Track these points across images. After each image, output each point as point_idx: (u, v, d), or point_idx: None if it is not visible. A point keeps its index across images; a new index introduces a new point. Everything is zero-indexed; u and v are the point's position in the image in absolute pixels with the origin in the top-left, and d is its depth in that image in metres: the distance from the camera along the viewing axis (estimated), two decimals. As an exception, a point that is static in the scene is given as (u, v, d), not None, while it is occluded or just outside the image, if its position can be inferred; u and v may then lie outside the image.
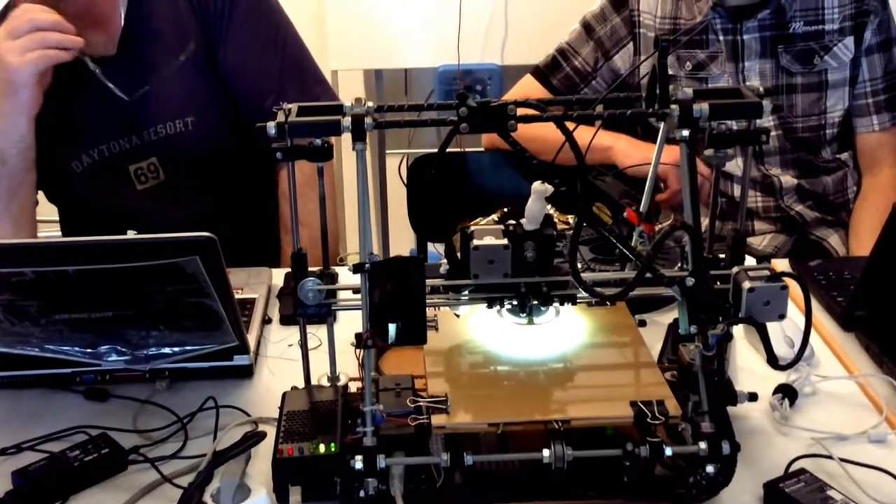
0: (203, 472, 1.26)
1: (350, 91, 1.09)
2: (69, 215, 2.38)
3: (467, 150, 2.80)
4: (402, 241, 3.56)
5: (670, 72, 2.31)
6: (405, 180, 3.09)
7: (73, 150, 2.17)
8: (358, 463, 1.25)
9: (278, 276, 1.94)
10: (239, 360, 1.61)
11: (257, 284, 1.89)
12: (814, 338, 1.66)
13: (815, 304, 1.76)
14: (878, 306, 1.70)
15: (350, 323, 1.40)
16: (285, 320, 1.80)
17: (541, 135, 1.44)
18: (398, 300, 1.25)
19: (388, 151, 3.63)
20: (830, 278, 1.88)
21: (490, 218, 2.38)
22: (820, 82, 2.36)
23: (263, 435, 1.34)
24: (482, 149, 2.68)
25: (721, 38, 2.34)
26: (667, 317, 1.65)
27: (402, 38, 3.41)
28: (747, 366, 1.63)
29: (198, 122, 2.19)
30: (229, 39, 2.19)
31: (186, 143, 2.20)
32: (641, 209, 1.53)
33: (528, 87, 2.57)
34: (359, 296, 1.28)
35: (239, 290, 1.83)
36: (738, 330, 1.69)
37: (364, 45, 3.43)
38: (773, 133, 2.34)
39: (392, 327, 1.26)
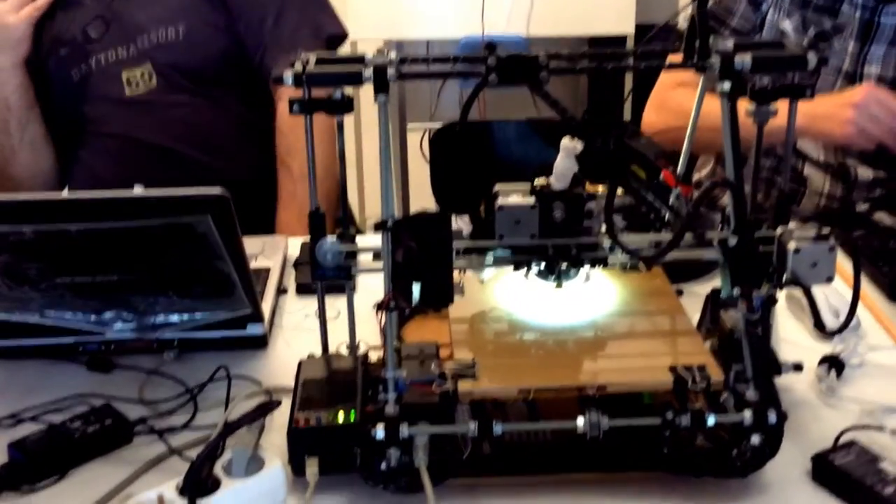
0: (213, 443, 1.21)
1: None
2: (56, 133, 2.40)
3: (491, 119, 2.75)
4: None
5: (791, 34, 2.22)
6: (427, 155, 3.05)
7: (74, 59, 2.25)
8: (380, 432, 1.20)
9: (294, 246, 1.89)
10: (252, 329, 1.57)
11: (272, 253, 1.84)
12: (860, 308, 1.60)
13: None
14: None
15: (370, 293, 1.36)
16: (302, 290, 1.76)
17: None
18: (422, 259, 1.20)
19: (409, 126, 3.58)
20: (875, 249, 1.83)
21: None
22: None
23: (278, 403, 1.29)
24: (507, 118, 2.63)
25: (857, 13, 2.18)
26: (705, 286, 1.60)
27: (425, 8, 3.36)
28: (791, 337, 1.59)
29: (188, 31, 2.24)
30: None
31: (176, 52, 2.25)
32: (679, 170, 1.48)
33: (679, 74, 2.32)
34: (380, 262, 1.24)
35: (253, 259, 1.78)
36: (781, 300, 1.64)
37: (385, 15, 3.38)
38: None
39: (416, 287, 1.21)
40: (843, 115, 2.01)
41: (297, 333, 1.63)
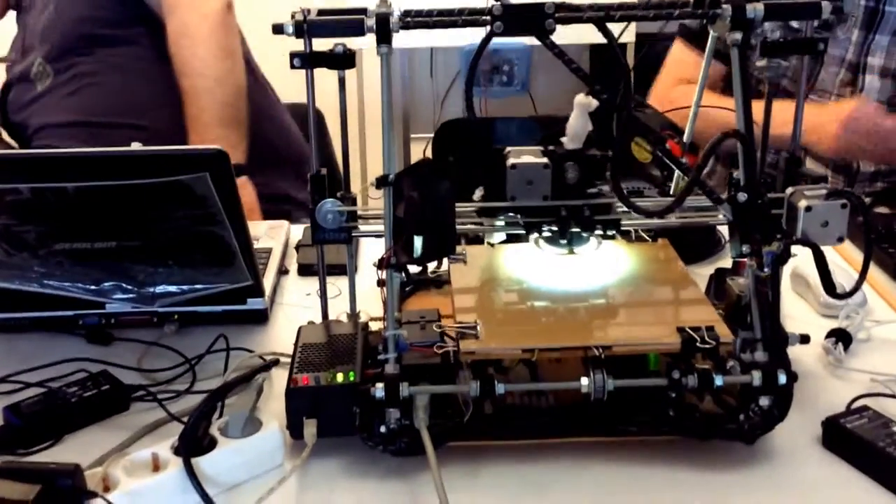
0: (208, 399, 1.15)
1: (375, 73, 1.02)
2: None
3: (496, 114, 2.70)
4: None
5: (795, 24, 2.16)
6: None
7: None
8: (379, 391, 1.14)
9: (296, 231, 1.83)
10: (253, 303, 1.50)
11: (274, 236, 1.78)
12: (865, 287, 1.55)
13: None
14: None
15: (371, 270, 1.30)
16: (303, 271, 1.70)
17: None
18: (425, 211, 1.14)
19: (412, 136, 3.54)
20: (879, 232, 1.77)
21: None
22: None
23: (276, 361, 1.23)
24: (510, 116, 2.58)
25: (863, 2, 2.13)
26: (709, 268, 1.54)
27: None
28: (796, 314, 1.53)
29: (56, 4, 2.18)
30: None
31: (55, 29, 2.17)
32: (685, 140, 1.43)
33: (679, 63, 2.35)
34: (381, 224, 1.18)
35: (255, 241, 1.72)
36: (785, 279, 1.58)
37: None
38: None
39: (418, 241, 1.15)
40: (830, 129, 2.01)
41: (298, 311, 1.56)
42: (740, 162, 1.17)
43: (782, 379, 1.15)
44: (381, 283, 1.27)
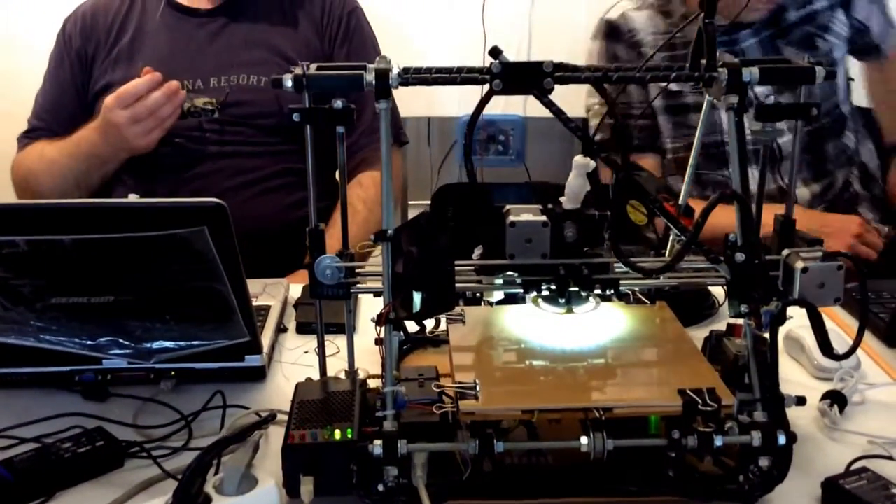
0: (203, 456, 1.10)
1: None
2: None
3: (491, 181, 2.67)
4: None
5: (675, 88, 2.21)
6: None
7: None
8: (377, 448, 1.09)
9: (295, 289, 1.79)
10: (251, 360, 1.45)
11: (273, 294, 1.74)
12: (858, 350, 1.51)
13: (857, 320, 1.63)
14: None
15: (369, 334, 1.27)
16: (302, 329, 1.65)
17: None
18: (424, 266, 1.11)
19: (410, 203, 3.50)
20: (869, 298, 1.73)
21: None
22: (831, 62, 2.28)
23: (273, 416, 1.18)
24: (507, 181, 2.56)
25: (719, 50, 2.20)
26: (702, 331, 1.50)
27: (425, 87, 3.29)
28: (790, 377, 1.49)
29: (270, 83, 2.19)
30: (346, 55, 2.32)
31: (250, 93, 2.21)
32: (679, 203, 1.40)
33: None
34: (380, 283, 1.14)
35: (254, 298, 1.67)
36: (779, 342, 1.54)
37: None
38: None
39: (417, 296, 1.11)
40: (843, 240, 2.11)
41: (296, 368, 1.52)
42: (737, 223, 1.13)
43: (782, 439, 1.11)
44: (379, 341, 1.23)
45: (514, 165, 3.45)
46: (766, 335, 1.14)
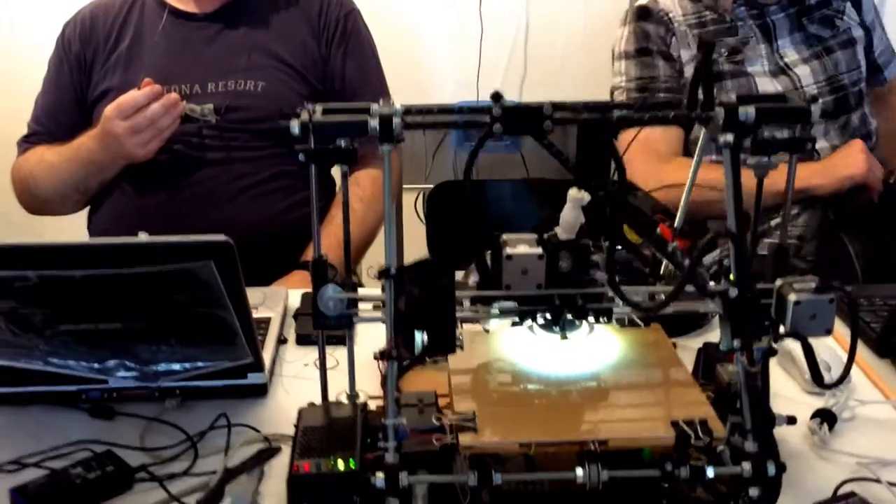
0: (212, 489, 1.14)
1: None
2: None
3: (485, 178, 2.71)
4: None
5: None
6: (421, 215, 3.00)
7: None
8: (379, 480, 1.13)
9: (294, 297, 1.83)
10: (253, 378, 1.49)
11: (273, 304, 1.77)
12: (849, 363, 1.55)
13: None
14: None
15: (369, 342, 1.28)
16: (301, 340, 1.68)
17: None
18: (425, 307, 1.14)
19: (405, 186, 3.53)
20: (861, 305, 1.77)
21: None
22: (850, 39, 2.48)
23: (277, 449, 1.22)
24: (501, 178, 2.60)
25: (751, 22, 2.39)
26: (696, 341, 1.54)
27: (422, 74, 3.31)
28: (782, 391, 1.52)
29: (268, 87, 2.25)
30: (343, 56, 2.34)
31: (247, 98, 2.23)
32: (676, 225, 1.43)
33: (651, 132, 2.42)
34: (381, 312, 1.17)
35: (254, 309, 1.71)
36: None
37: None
38: (822, 98, 2.39)
39: (419, 335, 1.14)
40: (857, 157, 2.25)
41: (297, 382, 1.56)
42: (731, 260, 1.17)
43: (771, 470, 1.14)
44: (381, 356, 1.26)
45: (509, 153, 3.49)
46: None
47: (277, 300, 1.79)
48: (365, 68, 2.37)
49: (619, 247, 1.36)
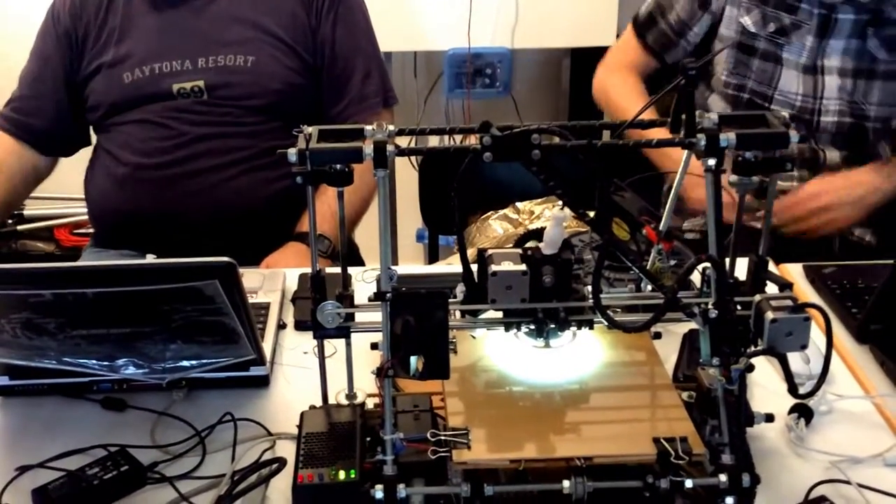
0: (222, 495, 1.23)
1: None
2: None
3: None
4: (409, 223, 3.54)
5: (752, 29, 2.30)
6: (414, 164, 3.05)
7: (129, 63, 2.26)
8: (378, 493, 1.22)
9: (292, 277, 1.90)
10: (255, 370, 1.58)
11: (271, 287, 1.85)
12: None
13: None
14: (894, 321, 1.67)
15: (367, 335, 1.34)
16: (300, 325, 1.76)
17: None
18: (420, 334, 1.22)
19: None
20: (845, 287, 1.83)
21: (502, 212, 2.36)
22: None
23: (283, 463, 1.31)
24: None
25: (815, 9, 2.22)
26: (682, 327, 1.61)
27: (412, 21, 3.33)
28: (763, 382, 1.58)
29: (257, 62, 2.28)
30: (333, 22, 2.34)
31: (237, 74, 2.26)
32: (661, 227, 1.49)
33: (627, 44, 2.54)
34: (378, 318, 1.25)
35: (253, 294, 1.79)
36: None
37: (373, 27, 3.38)
38: (837, 118, 2.27)
39: (413, 360, 1.22)
40: None
41: (296, 372, 1.64)
42: (712, 283, 1.24)
43: (746, 481, 1.23)
44: (374, 345, 1.32)
45: (501, 97, 3.54)
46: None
47: (276, 282, 1.86)
48: (355, 34, 2.38)
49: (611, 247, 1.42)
